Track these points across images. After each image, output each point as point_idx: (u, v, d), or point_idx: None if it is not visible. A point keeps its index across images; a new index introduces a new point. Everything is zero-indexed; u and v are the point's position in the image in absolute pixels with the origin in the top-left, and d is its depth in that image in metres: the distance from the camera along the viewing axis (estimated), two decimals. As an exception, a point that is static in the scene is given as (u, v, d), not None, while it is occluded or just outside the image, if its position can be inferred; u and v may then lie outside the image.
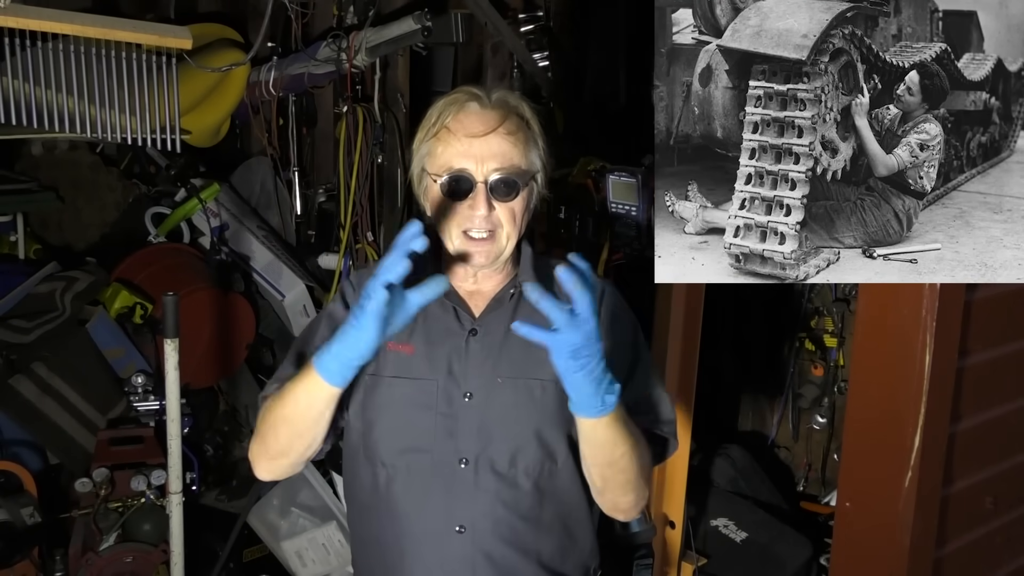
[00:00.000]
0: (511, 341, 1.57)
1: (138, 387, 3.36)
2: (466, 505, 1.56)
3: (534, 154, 1.59)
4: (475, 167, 1.53)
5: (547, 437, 1.57)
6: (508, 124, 1.56)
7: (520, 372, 1.57)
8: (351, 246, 3.70)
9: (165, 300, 2.68)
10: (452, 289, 1.60)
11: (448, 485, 1.56)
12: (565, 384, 1.39)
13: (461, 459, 1.56)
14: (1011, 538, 2.51)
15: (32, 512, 2.95)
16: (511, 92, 1.63)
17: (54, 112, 2.60)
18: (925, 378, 2.09)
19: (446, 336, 1.59)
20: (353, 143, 3.58)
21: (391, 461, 1.58)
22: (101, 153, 4.45)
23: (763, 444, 3.91)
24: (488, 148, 1.53)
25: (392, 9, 3.56)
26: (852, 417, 2.28)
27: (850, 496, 2.24)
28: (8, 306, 3.54)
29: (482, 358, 1.58)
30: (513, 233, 1.57)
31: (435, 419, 1.57)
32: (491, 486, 1.56)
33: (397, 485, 1.58)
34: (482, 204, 1.53)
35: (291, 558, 3.33)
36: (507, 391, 1.57)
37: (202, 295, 3.66)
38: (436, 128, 1.56)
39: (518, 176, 1.55)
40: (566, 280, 1.30)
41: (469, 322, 1.60)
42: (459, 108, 1.56)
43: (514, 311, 1.60)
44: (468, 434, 1.56)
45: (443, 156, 1.55)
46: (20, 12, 2.33)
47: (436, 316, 1.60)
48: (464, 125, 1.55)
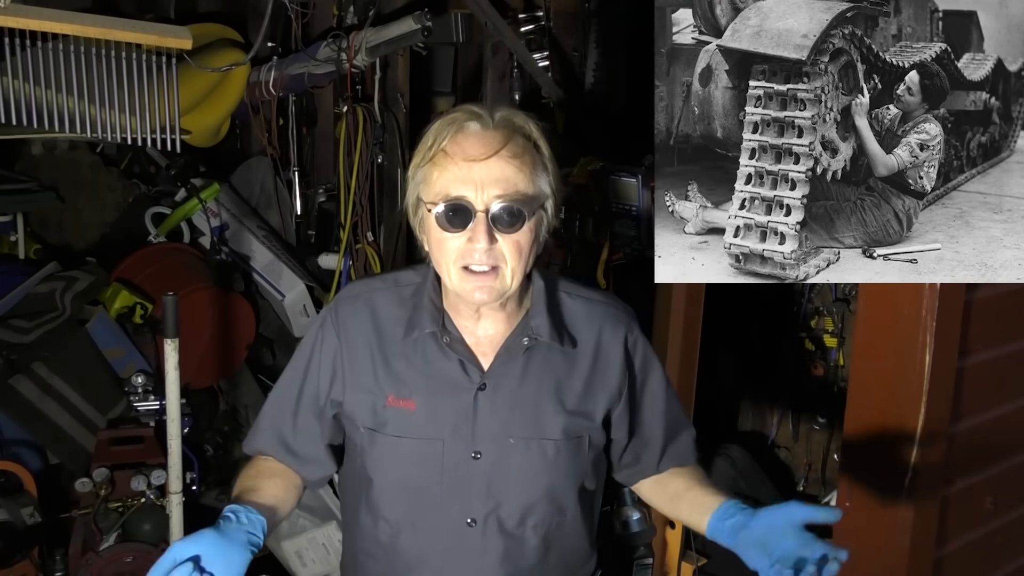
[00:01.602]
0: (523, 396, 1.47)
1: (138, 387, 3.35)
2: (471, 565, 1.49)
3: (543, 180, 1.42)
4: (474, 194, 1.36)
5: (558, 495, 1.50)
6: (512, 146, 1.38)
7: (533, 432, 1.47)
8: (351, 246, 3.69)
9: (165, 300, 2.68)
10: (457, 336, 1.47)
11: (454, 544, 1.48)
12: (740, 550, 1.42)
13: (468, 520, 1.47)
14: (1011, 538, 2.51)
15: (32, 512, 2.94)
16: (517, 111, 1.45)
17: (54, 112, 2.59)
18: (925, 378, 2.09)
19: (452, 391, 1.46)
20: (353, 143, 3.58)
21: (395, 518, 1.50)
22: (101, 153, 4.45)
23: (763, 444, 3.91)
24: (489, 173, 1.36)
25: (392, 9, 3.56)
26: (852, 417, 2.28)
27: (850, 496, 2.24)
28: (8, 306, 3.54)
29: (491, 416, 1.46)
30: (519, 269, 1.40)
31: (441, 478, 1.46)
32: (499, 546, 1.48)
33: (401, 541, 1.50)
34: (482, 236, 1.35)
35: (291, 558, 3.32)
36: (519, 452, 1.46)
37: (202, 295, 3.66)
38: (432, 152, 1.40)
39: (523, 204, 1.37)
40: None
41: (478, 376, 1.46)
42: (457, 129, 1.39)
43: (527, 361, 1.48)
44: (477, 494, 1.47)
45: (439, 182, 1.38)
46: (20, 12, 2.33)
47: (440, 368, 1.46)
48: (463, 148, 1.37)
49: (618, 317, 1.57)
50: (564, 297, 1.55)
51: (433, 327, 1.47)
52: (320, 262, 3.98)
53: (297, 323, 3.95)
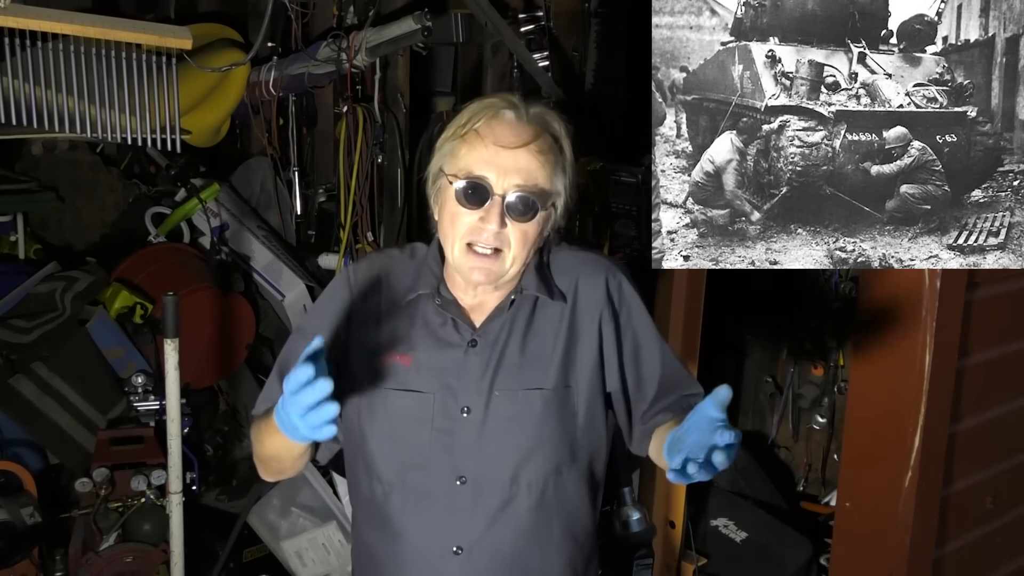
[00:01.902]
0: (510, 351, 1.51)
1: (138, 387, 3.35)
2: (463, 526, 1.50)
3: (560, 180, 1.50)
4: (496, 178, 1.44)
5: (550, 450, 1.51)
6: (541, 142, 1.47)
7: (519, 383, 1.50)
8: (351, 246, 3.69)
9: (165, 300, 2.68)
10: (453, 299, 1.54)
11: (445, 505, 1.50)
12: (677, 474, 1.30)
13: (459, 477, 1.49)
14: (1011, 538, 2.51)
15: (32, 512, 2.94)
16: (551, 111, 1.53)
17: (54, 112, 2.59)
18: (925, 378, 2.09)
19: (445, 348, 1.52)
20: (353, 143, 3.57)
21: (388, 477, 1.53)
22: (101, 153, 4.45)
23: (763, 444, 3.91)
24: (515, 162, 1.44)
25: (392, 9, 3.56)
26: (852, 417, 2.28)
27: (850, 496, 2.24)
28: (8, 306, 3.54)
29: (481, 371, 1.51)
30: (520, 256, 1.48)
31: (431, 434, 1.50)
32: (491, 506, 1.49)
33: (394, 501, 1.52)
34: (495, 218, 1.44)
35: (291, 558, 3.32)
36: (505, 404, 1.50)
37: (202, 295, 3.66)
38: (465, 130, 1.47)
39: (539, 197, 1.45)
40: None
41: (468, 333, 1.52)
42: (494, 114, 1.47)
43: (514, 319, 1.53)
44: (466, 451, 1.49)
45: (465, 159, 1.46)
46: (20, 12, 2.33)
47: (435, 327, 1.53)
48: (495, 133, 1.45)
49: (598, 263, 1.60)
50: (552, 256, 1.60)
51: (428, 289, 1.54)
52: (320, 262, 3.97)
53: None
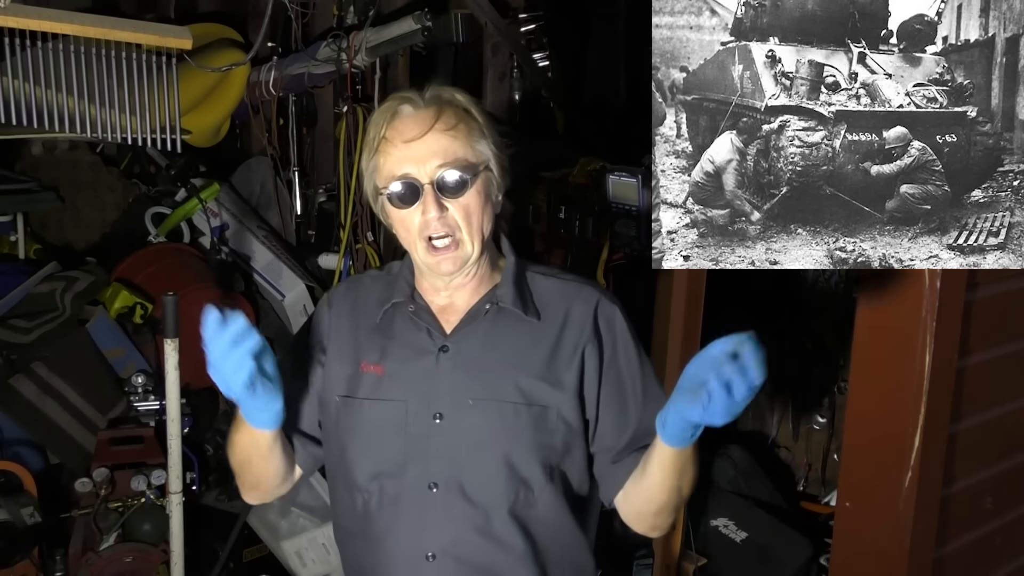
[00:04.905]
0: (487, 359, 1.51)
1: (138, 387, 3.36)
2: (436, 532, 1.51)
3: (482, 144, 1.51)
4: (417, 169, 1.46)
5: (518, 464, 1.50)
6: (445, 119, 1.48)
7: (493, 394, 1.50)
8: (351, 246, 3.70)
9: (165, 300, 2.68)
10: (424, 305, 1.56)
11: (419, 511, 1.51)
12: (672, 409, 1.33)
13: (431, 484, 1.50)
14: (1011, 538, 2.51)
15: (32, 512, 2.94)
16: (445, 87, 1.53)
17: (54, 112, 2.60)
18: (925, 378, 2.09)
19: (417, 355, 1.53)
20: (353, 143, 3.58)
21: (365, 485, 1.54)
22: (101, 153, 4.45)
23: (763, 444, 3.91)
24: (427, 148, 1.46)
25: (392, 9, 3.57)
26: (852, 417, 2.28)
27: (850, 496, 2.24)
28: (8, 306, 3.54)
29: (452, 377, 1.51)
30: (475, 233, 1.49)
31: (405, 442, 1.51)
32: (462, 513, 1.50)
33: (372, 510, 1.54)
34: (432, 206, 1.46)
35: (291, 558, 3.33)
36: (477, 413, 1.50)
37: (202, 295, 3.65)
38: (376, 143, 1.50)
39: (464, 169, 1.47)
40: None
41: (440, 339, 1.53)
42: (392, 115, 1.49)
43: (490, 327, 1.53)
44: (437, 457, 1.50)
45: (386, 167, 1.49)
46: (20, 12, 2.33)
47: (407, 334, 1.55)
48: (400, 131, 1.48)
49: (591, 291, 1.60)
50: (536, 276, 1.60)
51: (402, 297, 1.56)
52: (320, 262, 3.98)
53: (297, 323, 3.95)
